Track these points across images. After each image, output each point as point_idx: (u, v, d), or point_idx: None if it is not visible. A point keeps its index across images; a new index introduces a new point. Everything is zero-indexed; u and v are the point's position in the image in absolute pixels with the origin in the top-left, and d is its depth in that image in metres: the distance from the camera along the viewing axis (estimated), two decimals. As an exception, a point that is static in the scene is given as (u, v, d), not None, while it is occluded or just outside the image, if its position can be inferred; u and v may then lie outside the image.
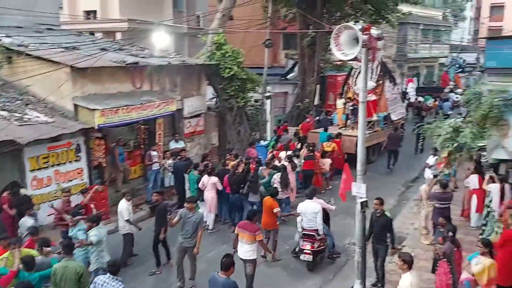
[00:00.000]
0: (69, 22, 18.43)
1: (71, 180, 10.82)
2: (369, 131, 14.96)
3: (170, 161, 12.43)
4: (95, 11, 20.32)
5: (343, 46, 6.90)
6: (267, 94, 16.89)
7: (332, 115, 18.90)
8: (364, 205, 7.51)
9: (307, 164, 13.02)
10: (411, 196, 13.41)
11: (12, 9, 12.18)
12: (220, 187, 10.91)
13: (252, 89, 16.49)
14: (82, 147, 11.11)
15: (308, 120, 17.66)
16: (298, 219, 9.16)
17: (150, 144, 12.97)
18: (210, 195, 10.84)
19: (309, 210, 8.92)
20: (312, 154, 13.23)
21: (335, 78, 22.27)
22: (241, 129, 16.41)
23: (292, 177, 11.73)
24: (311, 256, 8.88)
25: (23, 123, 9.89)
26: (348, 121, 16.35)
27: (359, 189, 7.50)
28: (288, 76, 22.65)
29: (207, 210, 10.86)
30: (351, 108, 16.06)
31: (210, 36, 15.74)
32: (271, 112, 17.29)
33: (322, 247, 9.08)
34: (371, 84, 16.69)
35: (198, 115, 14.97)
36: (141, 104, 11.85)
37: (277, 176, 11.09)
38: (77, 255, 7.49)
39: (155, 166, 12.51)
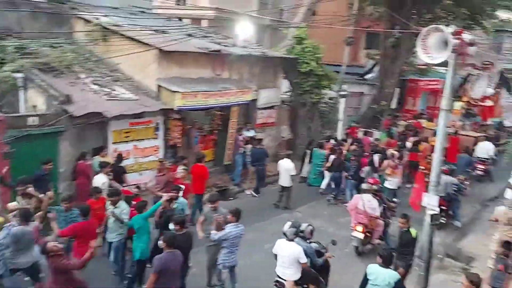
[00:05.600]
0: (161, 7, 19.36)
1: (147, 156, 11.48)
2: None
3: (250, 147, 13.16)
4: (186, -2, 21.26)
5: (431, 49, 6.62)
6: (343, 92, 16.55)
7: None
8: (434, 218, 7.19)
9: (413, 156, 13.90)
10: (486, 216, 12.52)
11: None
12: None
13: (327, 86, 16.34)
14: (161, 126, 11.70)
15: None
16: None
17: (224, 130, 13.34)
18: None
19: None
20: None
21: (416, 83, 21.46)
22: (312, 125, 16.33)
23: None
24: None
25: (111, 98, 10.62)
26: (460, 122, 17.99)
27: (430, 201, 7.20)
28: (366, 77, 22.02)
29: None
30: (466, 111, 18.89)
31: (292, 30, 15.76)
32: (345, 112, 16.89)
33: None
34: (490, 91, 17.74)
35: (271, 107, 15.12)
36: (219, 91, 12.22)
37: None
38: None
39: (241, 150, 13.34)
